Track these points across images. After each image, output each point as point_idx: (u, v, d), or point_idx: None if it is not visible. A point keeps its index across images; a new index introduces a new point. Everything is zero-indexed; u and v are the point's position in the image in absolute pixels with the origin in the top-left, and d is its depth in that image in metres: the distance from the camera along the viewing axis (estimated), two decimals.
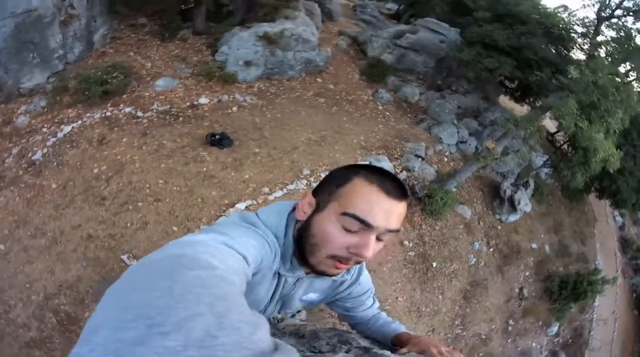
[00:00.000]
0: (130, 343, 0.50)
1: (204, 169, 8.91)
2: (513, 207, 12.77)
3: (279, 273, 1.50)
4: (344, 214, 1.28)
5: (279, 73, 13.10)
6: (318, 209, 1.38)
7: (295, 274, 1.52)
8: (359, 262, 1.43)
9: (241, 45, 12.34)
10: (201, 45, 12.72)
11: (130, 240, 7.31)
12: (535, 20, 14.81)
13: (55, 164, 8.53)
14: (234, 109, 11.05)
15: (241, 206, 8.45)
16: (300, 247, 1.42)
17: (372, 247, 1.31)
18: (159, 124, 9.88)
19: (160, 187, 8.29)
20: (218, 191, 8.54)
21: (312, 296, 1.77)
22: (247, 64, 12.34)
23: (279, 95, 12.39)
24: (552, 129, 17.04)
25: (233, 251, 1.05)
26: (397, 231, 1.32)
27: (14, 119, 9.36)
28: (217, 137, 9.60)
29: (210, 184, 8.63)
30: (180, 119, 10.21)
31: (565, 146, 14.83)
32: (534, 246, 13.04)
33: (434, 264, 9.98)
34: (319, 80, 13.87)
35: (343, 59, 15.62)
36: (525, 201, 13.04)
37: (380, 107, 13.89)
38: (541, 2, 16.99)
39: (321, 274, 1.45)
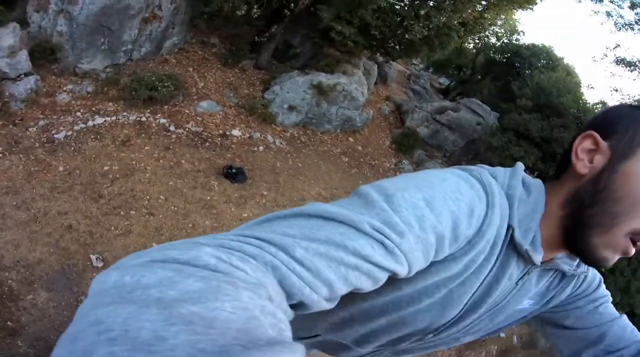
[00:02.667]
0: (79, 354, 0.40)
1: (208, 198, 8.46)
2: None
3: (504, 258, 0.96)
4: None
5: (316, 124, 12.68)
6: (619, 157, 0.89)
7: (537, 255, 0.94)
8: None
9: (292, 89, 12.01)
10: (256, 80, 12.41)
11: (107, 243, 6.86)
12: (572, 114, 14.27)
13: (72, 149, 8.21)
14: (261, 148, 10.63)
15: None
16: (577, 220, 0.92)
17: None
18: (185, 143, 9.52)
19: (159, 203, 7.87)
20: (212, 221, 8.06)
21: (527, 304, 1.14)
22: (291, 108, 11.98)
23: (307, 146, 11.95)
24: None
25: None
26: None
27: (57, 94, 9.13)
28: (233, 170, 9.19)
29: (208, 213, 8.17)
30: (207, 144, 9.84)
31: None
32: (502, 334, 12.20)
33: None
34: (350, 139, 13.37)
35: (381, 124, 15.15)
36: None
37: None
38: (583, 96, 16.47)
39: (594, 264, 0.95)
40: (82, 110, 9.04)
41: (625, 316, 1.21)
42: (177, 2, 11.27)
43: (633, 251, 0.89)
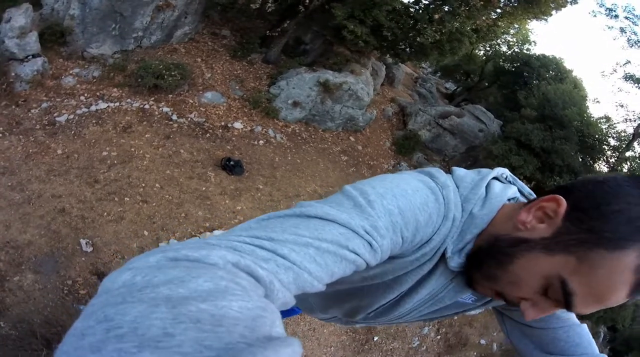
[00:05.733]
0: (87, 350, 0.41)
1: (203, 188, 8.41)
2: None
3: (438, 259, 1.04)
4: (564, 283, 0.86)
5: (319, 121, 12.58)
6: (547, 245, 0.88)
7: (453, 263, 1.02)
8: None
9: (298, 86, 11.87)
10: (263, 74, 12.30)
11: (99, 228, 6.82)
12: (575, 127, 14.14)
13: (72, 132, 8.17)
14: (261, 142, 10.56)
15: (219, 232, 7.85)
16: (480, 254, 0.98)
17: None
18: (185, 133, 9.47)
19: (154, 191, 7.83)
20: (205, 212, 8.01)
21: (469, 300, 1.22)
22: (295, 104, 11.87)
23: (308, 142, 11.86)
24: None
25: (331, 223, 0.81)
26: None
27: (62, 77, 9.10)
28: (231, 163, 9.13)
29: (202, 204, 8.12)
30: (208, 135, 9.78)
31: None
32: (482, 341, 12.05)
33: (376, 338, 9.04)
34: (351, 138, 13.25)
35: (383, 125, 14.99)
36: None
37: None
38: (588, 110, 16.36)
39: (473, 289, 1.08)
40: (86, 95, 9.00)
41: (585, 326, 1.24)
42: None
43: (501, 301, 1.03)
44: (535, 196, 1.10)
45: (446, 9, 12.46)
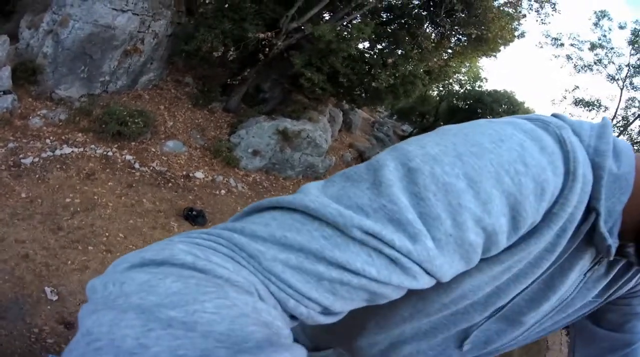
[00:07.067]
0: None
1: None
2: None
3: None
4: None
5: (279, 170, 12.94)
6: None
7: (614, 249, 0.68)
8: None
9: (258, 134, 12.29)
10: (224, 122, 12.66)
11: (63, 277, 6.83)
12: None
13: (37, 176, 8.22)
14: (223, 191, 10.79)
15: None
16: None
17: None
18: (148, 182, 9.65)
19: (118, 241, 7.91)
20: None
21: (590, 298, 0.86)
22: (255, 153, 12.22)
23: (269, 191, 12.17)
24: None
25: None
26: None
27: (30, 117, 9.18)
28: (194, 213, 9.33)
29: None
30: (170, 184, 9.98)
31: None
32: None
33: None
34: None
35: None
36: None
37: None
38: None
39: None
40: (52, 138, 9.08)
41: None
42: (159, 37, 11.53)
43: None
44: None
45: (399, 53, 13.30)
